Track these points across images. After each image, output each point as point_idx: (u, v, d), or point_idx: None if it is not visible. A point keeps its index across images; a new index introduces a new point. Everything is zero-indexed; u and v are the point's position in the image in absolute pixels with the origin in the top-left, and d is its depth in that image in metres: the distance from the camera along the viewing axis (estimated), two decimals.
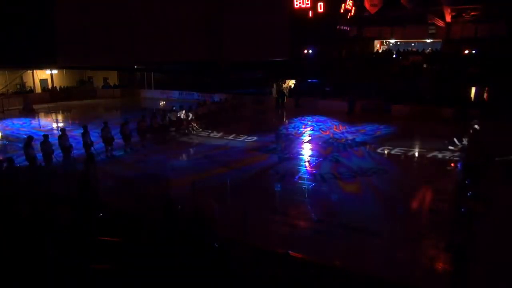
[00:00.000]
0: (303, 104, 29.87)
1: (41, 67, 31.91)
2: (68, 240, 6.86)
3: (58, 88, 36.63)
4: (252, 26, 14.42)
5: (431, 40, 33.84)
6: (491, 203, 10.95)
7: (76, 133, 18.06)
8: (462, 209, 10.44)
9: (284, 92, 32.02)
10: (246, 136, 20.45)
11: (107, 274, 5.83)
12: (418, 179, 14.10)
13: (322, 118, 25.63)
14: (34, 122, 25.02)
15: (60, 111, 29.92)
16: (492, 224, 9.76)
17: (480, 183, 11.48)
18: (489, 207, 10.69)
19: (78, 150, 15.80)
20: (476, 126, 13.43)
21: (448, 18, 31.13)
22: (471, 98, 26.85)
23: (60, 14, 8.15)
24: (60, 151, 15.04)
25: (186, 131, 21.34)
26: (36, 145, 14.17)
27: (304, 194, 12.48)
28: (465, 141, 12.95)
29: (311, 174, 14.36)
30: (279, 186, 11.55)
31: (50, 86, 36.59)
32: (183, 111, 21.60)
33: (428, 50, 32.09)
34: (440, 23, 31.88)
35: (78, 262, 5.85)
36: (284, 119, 27.84)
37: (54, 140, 15.05)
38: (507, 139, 16.35)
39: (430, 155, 16.75)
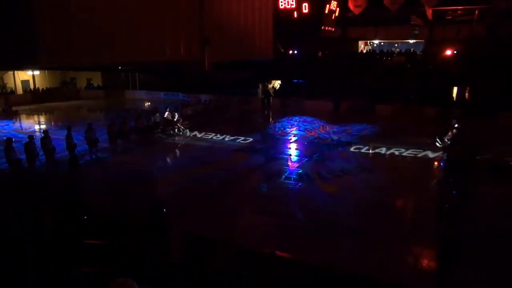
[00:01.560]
0: (288, 104, 29.96)
1: (23, 67, 31.31)
2: (53, 243, 6.75)
3: (40, 89, 35.99)
4: (235, 26, 14.43)
5: (414, 41, 34.32)
6: (475, 201, 11.15)
7: (59, 136, 17.75)
8: (447, 205, 10.64)
9: (270, 93, 32.08)
10: (232, 137, 20.41)
11: (93, 277, 5.76)
12: (403, 178, 14.26)
13: (308, 118, 25.73)
14: (16, 124, 24.53)
15: (43, 113, 29.40)
16: (476, 221, 9.93)
17: (463, 181, 11.68)
18: (473, 204, 10.89)
19: (60, 153, 15.55)
20: (458, 125, 13.70)
21: (430, 18, 31.64)
22: (453, 97, 27.33)
23: (41, 13, 8.02)
24: (42, 153, 14.78)
25: (171, 132, 21.22)
26: (17, 147, 13.90)
27: (290, 194, 12.52)
28: (448, 140, 13.18)
29: (296, 174, 14.41)
30: (265, 186, 11.55)
31: (32, 87, 35.93)
32: (167, 112, 21.47)
33: (409, 51, 32.56)
34: (423, 24, 32.37)
35: (63, 265, 5.76)
36: (270, 119, 27.89)
37: (36, 143, 14.79)
38: (488, 138, 16.66)
39: (414, 153, 16.99)
